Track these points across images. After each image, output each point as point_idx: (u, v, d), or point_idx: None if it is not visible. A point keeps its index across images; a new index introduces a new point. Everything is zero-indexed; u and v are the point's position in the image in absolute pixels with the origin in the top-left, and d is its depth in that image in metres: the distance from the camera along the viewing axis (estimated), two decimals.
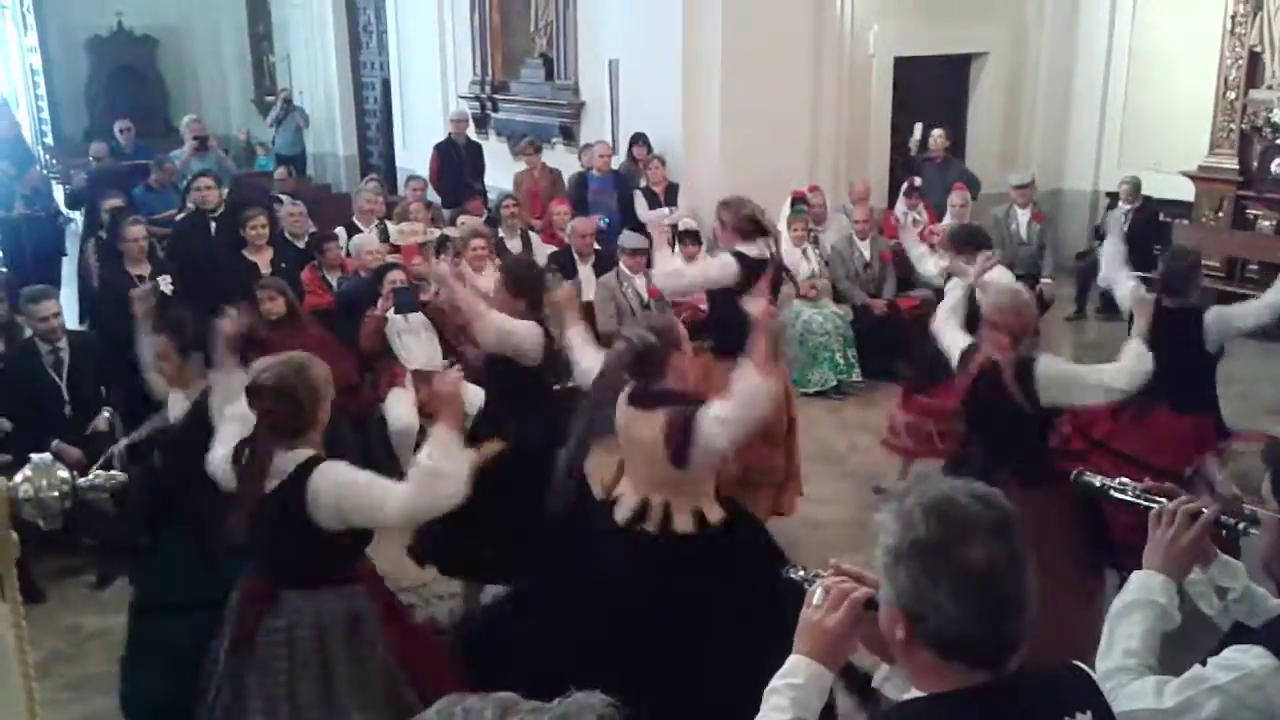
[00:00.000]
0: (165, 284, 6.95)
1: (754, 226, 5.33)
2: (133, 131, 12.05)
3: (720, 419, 3.35)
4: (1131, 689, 2.10)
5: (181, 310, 4.46)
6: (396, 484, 3.14)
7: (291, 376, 3.15)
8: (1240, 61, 9.51)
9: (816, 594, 1.80)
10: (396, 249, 8.15)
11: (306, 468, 3.12)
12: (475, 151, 11.17)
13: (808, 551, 5.38)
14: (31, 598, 5.23)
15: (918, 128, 10.04)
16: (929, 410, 6.17)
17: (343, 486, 3.10)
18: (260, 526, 3.16)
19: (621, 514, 3.59)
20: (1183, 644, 2.26)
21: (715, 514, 3.57)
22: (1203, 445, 5.12)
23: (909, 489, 1.65)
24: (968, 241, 6.02)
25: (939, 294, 6.21)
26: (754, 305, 3.65)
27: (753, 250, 5.33)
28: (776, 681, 1.80)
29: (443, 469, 3.09)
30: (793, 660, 1.80)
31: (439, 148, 11.01)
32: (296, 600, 3.23)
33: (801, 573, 1.91)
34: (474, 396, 5.97)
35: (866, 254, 8.59)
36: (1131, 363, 4.11)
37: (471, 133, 11.54)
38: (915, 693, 1.65)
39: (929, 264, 6.31)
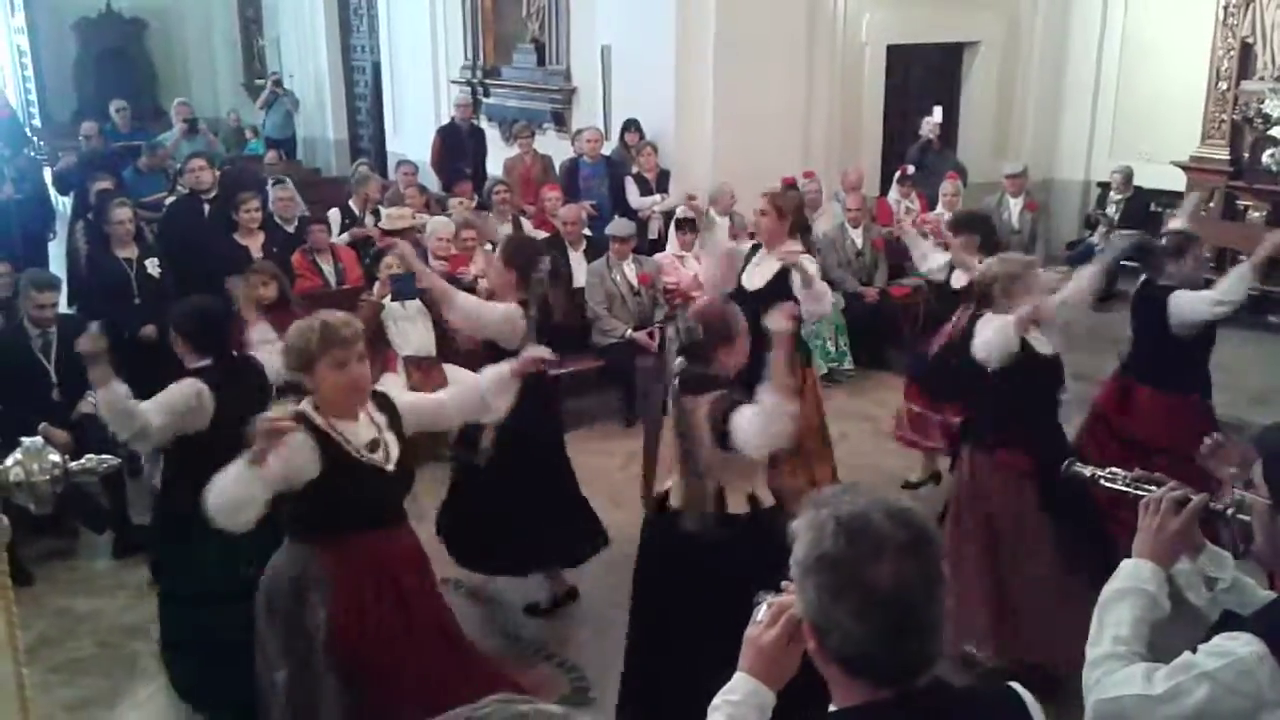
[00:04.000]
0: (154, 267, 6.93)
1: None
2: (128, 111, 11.98)
3: (748, 425, 3.33)
4: (1120, 675, 2.10)
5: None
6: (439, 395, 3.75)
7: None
8: (1232, 52, 9.52)
9: (760, 610, 1.80)
10: (386, 233, 8.13)
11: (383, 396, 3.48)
12: (478, 136, 11.14)
13: None
14: (19, 581, 5.25)
15: (937, 110, 10.11)
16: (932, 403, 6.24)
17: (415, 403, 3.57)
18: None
19: (675, 501, 3.70)
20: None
21: (768, 499, 3.69)
22: (1192, 426, 5.17)
23: (828, 498, 1.61)
24: (968, 225, 6.04)
25: (936, 287, 6.24)
26: (774, 320, 3.38)
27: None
28: (718, 698, 1.80)
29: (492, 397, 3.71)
30: (735, 677, 1.80)
31: (441, 132, 10.97)
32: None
33: (771, 596, 1.83)
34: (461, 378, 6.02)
35: (859, 242, 8.59)
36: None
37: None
38: (833, 706, 1.64)
39: (934, 260, 6.20)
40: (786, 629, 1.74)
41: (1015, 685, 1.73)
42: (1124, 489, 2.35)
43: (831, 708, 1.64)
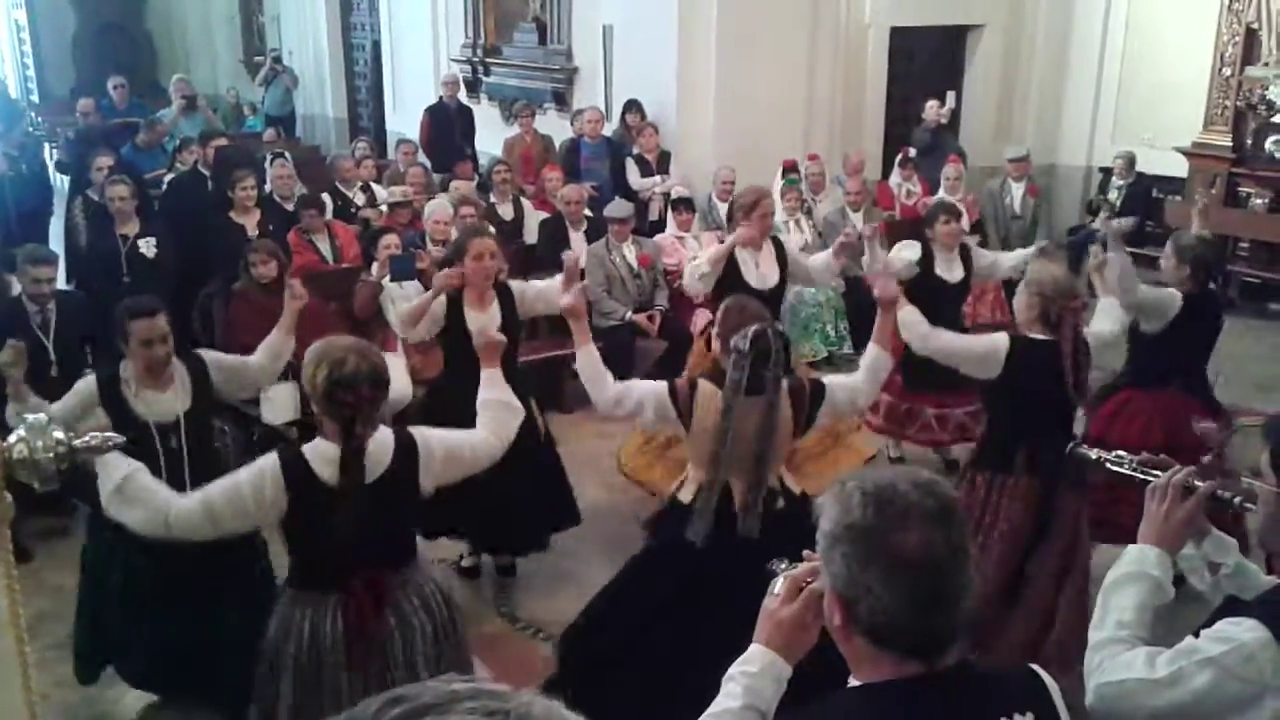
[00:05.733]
0: (148, 247, 6.89)
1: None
2: (126, 88, 11.92)
3: (852, 389, 3.77)
4: (1123, 659, 2.11)
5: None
6: (475, 430, 3.37)
7: (374, 358, 3.09)
8: (1237, 38, 9.48)
9: (778, 583, 1.81)
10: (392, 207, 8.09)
11: (407, 439, 3.18)
12: (466, 115, 11.08)
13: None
14: (18, 558, 5.22)
15: (950, 96, 10.11)
16: (904, 394, 6.17)
17: (447, 445, 3.25)
18: (374, 512, 3.06)
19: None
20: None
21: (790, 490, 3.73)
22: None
23: (853, 475, 1.63)
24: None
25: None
26: (880, 287, 3.88)
27: None
28: (734, 669, 1.80)
29: (509, 401, 3.47)
30: (751, 648, 1.81)
31: (430, 110, 10.92)
32: (408, 578, 3.28)
33: (784, 565, 1.88)
34: None
35: (859, 225, 8.54)
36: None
37: (463, 96, 11.44)
38: (854, 681, 1.64)
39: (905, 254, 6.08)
40: (807, 603, 1.75)
41: (1035, 667, 1.73)
42: (1130, 473, 2.35)
43: (853, 682, 1.63)
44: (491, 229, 5.81)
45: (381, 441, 3.11)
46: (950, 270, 6.02)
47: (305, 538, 3.11)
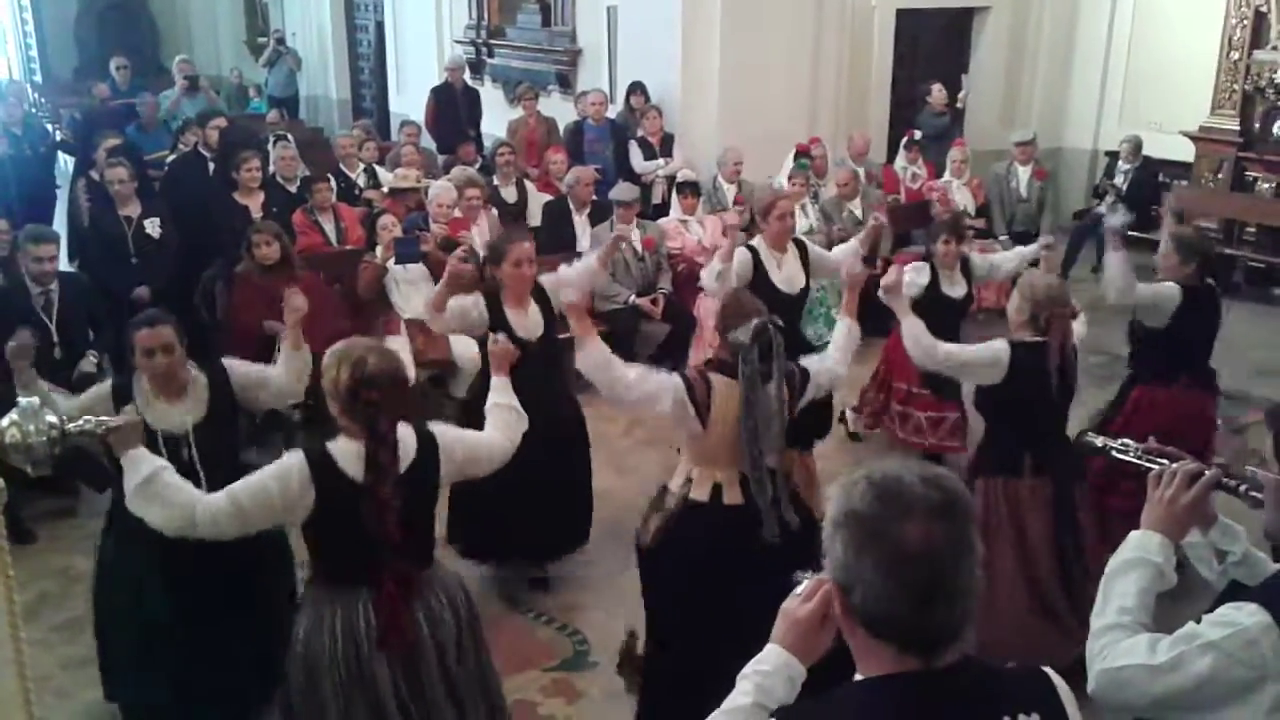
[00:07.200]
0: (154, 227, 6.89)
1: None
2: (129, 69, 11.87)
3: (831, 367, 3.98)
4: (1124, 646, 2.10)
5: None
6: (487, 431, 3.46)
7: (394, 360, 3.13)
8: (1245, 21, 9.41)
9: (799, 585, 1.80)
10: (391, 194, 8.07)
11: (427, 435, 3.22)
12: (473, 97, 11.04)
13: None
14: (21, 539, 5.25)
15: (965, 80, 10.08)
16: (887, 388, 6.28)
17: (464, 441, 3.34)
18: (400, 506, 3.06)
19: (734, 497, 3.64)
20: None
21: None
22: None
23: (864, 465, 1.63)
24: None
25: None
26: (848, 266, 4.50)
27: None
28: (748, 668, 1.80)
29: (516, 407, 3.54)
30: (767, 648, 1.80)
31: (435, 92, 10.87)
32: (433, 575, 3.31)
33: (808, 575, 1.83)
34: (466, 348, 5.99)
35: (858, 212, 8.49)
36: None
37: (466, 78, 11.38)
38: (859, 675, 1.63)
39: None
40: (823, 602, 1.73)
41: (1045, 668, 1.71)
42: (1135, 461, 2.34)
43: (857, 677, 1.62)
44: (529, 233, 5.74)
45: (404, 438, 3.14)
46: (954, 287, 6.00)
47: (333, 534, 3.10)
